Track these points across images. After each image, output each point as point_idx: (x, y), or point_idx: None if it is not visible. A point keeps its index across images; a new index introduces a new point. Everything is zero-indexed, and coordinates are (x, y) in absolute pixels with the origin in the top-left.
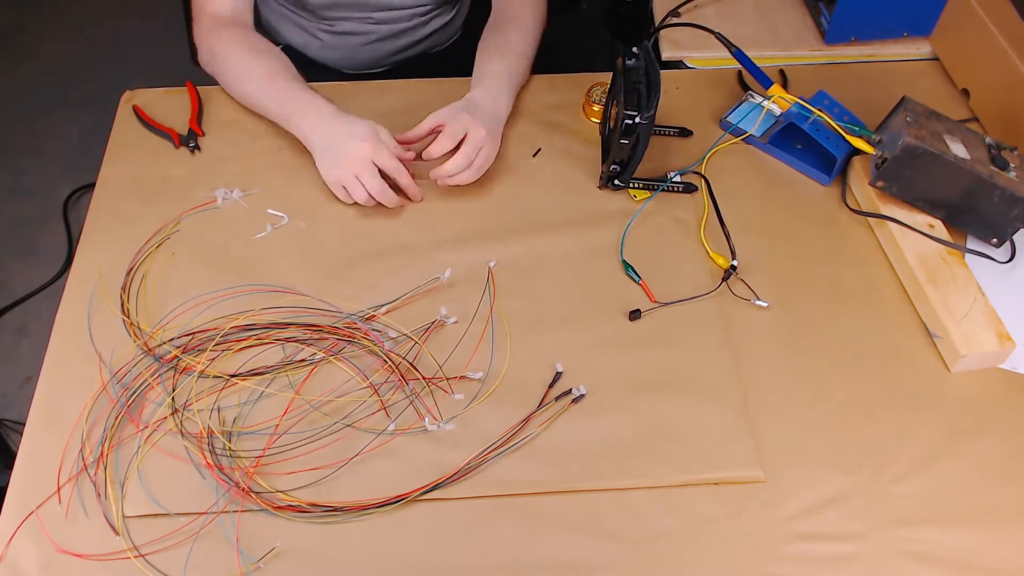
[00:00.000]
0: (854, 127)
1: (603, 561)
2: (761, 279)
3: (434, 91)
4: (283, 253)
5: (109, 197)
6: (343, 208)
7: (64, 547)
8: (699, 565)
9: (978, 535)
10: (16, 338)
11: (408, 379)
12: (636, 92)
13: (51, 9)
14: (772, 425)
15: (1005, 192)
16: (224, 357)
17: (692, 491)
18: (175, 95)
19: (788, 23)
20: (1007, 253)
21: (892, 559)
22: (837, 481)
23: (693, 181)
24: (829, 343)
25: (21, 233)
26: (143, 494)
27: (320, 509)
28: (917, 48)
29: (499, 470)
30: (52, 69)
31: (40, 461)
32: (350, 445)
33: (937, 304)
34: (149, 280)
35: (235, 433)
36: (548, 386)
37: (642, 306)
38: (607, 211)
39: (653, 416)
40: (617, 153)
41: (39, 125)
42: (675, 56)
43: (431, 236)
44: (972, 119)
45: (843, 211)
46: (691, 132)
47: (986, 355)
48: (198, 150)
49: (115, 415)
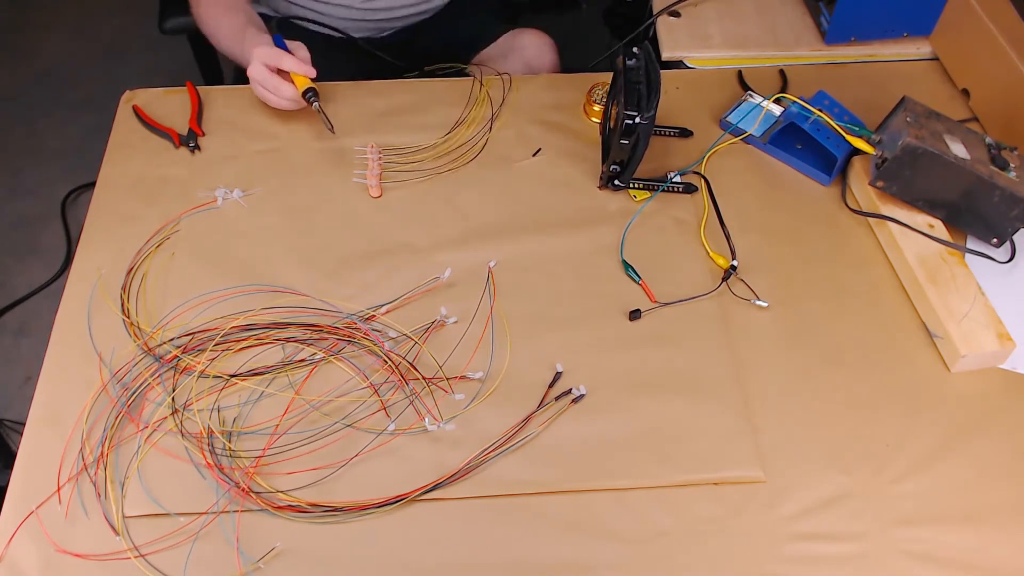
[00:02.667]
0: (854, 127)
1: (603, 561)
2: (761, 279)
3: (434, 91)
4: (283, 253)
5: (109, 197)
6: (343, 208)
7: (64, 547)
8: (699, 565)
9: (978, 535)
10: (16, 338)
11: (408, 379)
12: (636, 92)
13: (51, 9)
14: (772, 425)
15: (1005, 192)
16: (224, 357)
17: (692, 491)
18: (175, 95)
19: (788, 23)
20: (1007, 253)
21: (892, 559)
22: (837, 481)
23: (693, 181)
24: (829, 343)
25: (21, 233)
26: (143, 494)
27: (320, 509)
28: (917, 48)
29: (499, 470)
30: (52, 69)
31: (40, 461)
32: (350, 445)
33: (937, 304)
34: (149, 280)
35: (235, 433)
36: (548, 386)
37: (642, 306)
38: (607, 211)
39: (653, 416)
40: (617, 153)
41: (39, 125)
42: (675, 56)
43: (431, 236)
44: (972, 119)
45: (843, 211)
46: (691, 132)
47: (986, 355)
48: (198, 150)
49: (115, 415)
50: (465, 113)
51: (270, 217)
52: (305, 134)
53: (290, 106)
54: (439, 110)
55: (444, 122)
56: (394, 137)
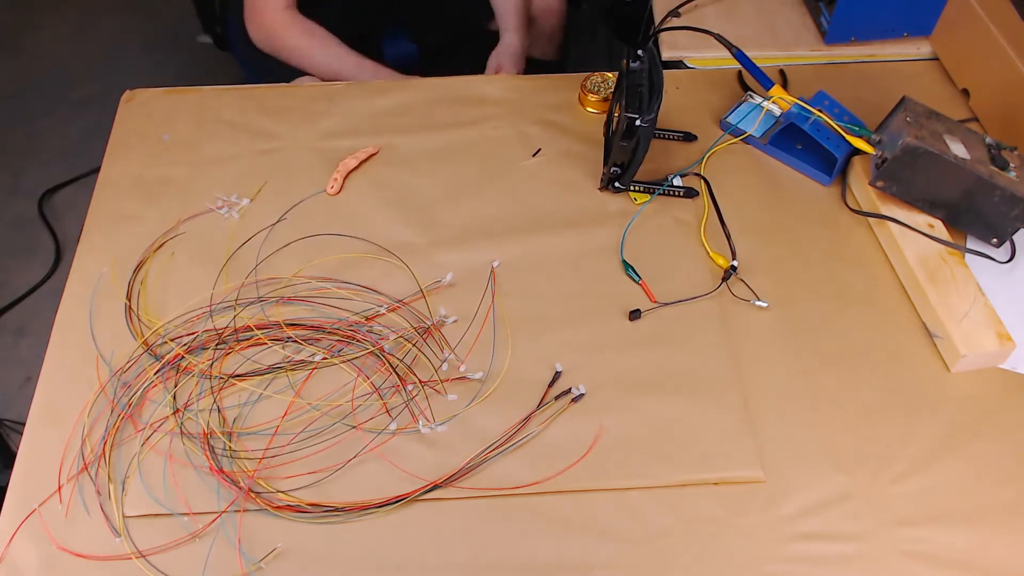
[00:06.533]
0: (854, 127)
1: (603, 561)
2: (761, 279)
3: (434, 91)
4: (283, 253)
5: (109, 197)
6: (343, 208)
7: (64, 547)
8: (699, 565)
9: (978, 535)
10: (16, 338)
11: (406, 380)
12: (638, 94)
13: (51, 9)
14: (772, 425)
15: (1005, 192)
16: (225, 357)
17: (692, 491)
18: (175, 95)
19: (788, 23)
20: (1007, 253)
21: (892, 559)
22: (837, 481)
23: (693, 181)
24: (829, 343)
25: (21, 233)
26: (144, 494)
27: (320, 509)
28: (917, 48)
29: (499, 470)
30: (52, 69)
31: (40, 461)
32: (350, 445)
33: (937, 304)
34: (150, 280)
35: (236, 433)
36: (548, 385)
37: (642, 306)
38: (607, 211)
39: (653, 416)
40: (618, 155)
41: (39, 125)
42: (675, 56)
43: (431, 236)
44: (972, 119)
45: (843, 211)
46: (695, 137)
47: (986, 355)
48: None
49: (116, 415)
50: (466, 113)
51: (270, 217)
52: (305, 134)
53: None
54: (440, 110)
55: (445, 122)
56: (395, 137)
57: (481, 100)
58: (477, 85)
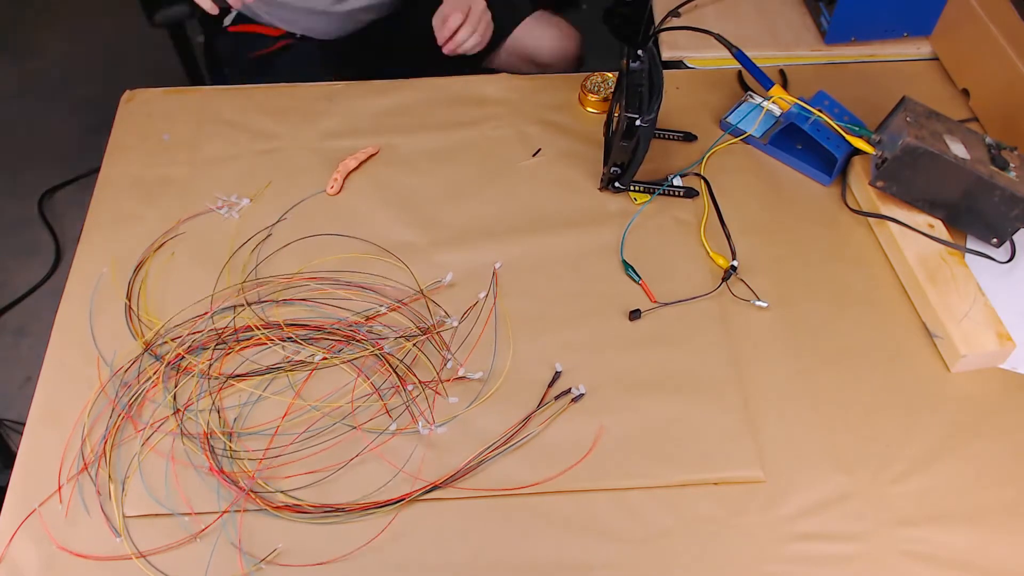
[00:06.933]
0: (854, 127)
1: (603, 561)
2: (761, 279)
3: (434, 90)
4: (283, 253)
5: (109, 197)
6: (343, 208)
7: (65, 547)
8: (699, 565)
9: (978, 535)
10: (16, 338)
11: (406, 381)
12: (638, 94)
13: (51, 9)
14: (772, 425)
15: (1005, 192)
16: (225, 357)
17: (692, 491)
18: (175, 95)
19: (788, 23)
20: (1007, 253)
21: (892, 559)
22: (837, 481)
23: (693, 181)
24: (829, 343)
25: (21, 233)
26: (144, 494)
27: (321, 509)
28: (917, 48)
29: (499, 470)
30: (52, 69)
31: (40, 461)
32: (350, 446)
33: (937, 304)
34: (150, 280)
35: (236, 433)
36: (548, 385)
37: (642, 306)
38: (607, 211)
39: (653, 416)
40: (618, 155)
41: (39, 125)
42: (675, 56)
43: (431, 236)
44: (972, 119)
45: (843, 211)
46: (696, 137)
47: (986, 355)
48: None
49: (116, 415)
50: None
51: (270, 217)
52: (305, 134)
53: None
54: (440, 110)
55: (445, 122)
56: (395, 137)
57: (481, 100)
58: (477, 85)
